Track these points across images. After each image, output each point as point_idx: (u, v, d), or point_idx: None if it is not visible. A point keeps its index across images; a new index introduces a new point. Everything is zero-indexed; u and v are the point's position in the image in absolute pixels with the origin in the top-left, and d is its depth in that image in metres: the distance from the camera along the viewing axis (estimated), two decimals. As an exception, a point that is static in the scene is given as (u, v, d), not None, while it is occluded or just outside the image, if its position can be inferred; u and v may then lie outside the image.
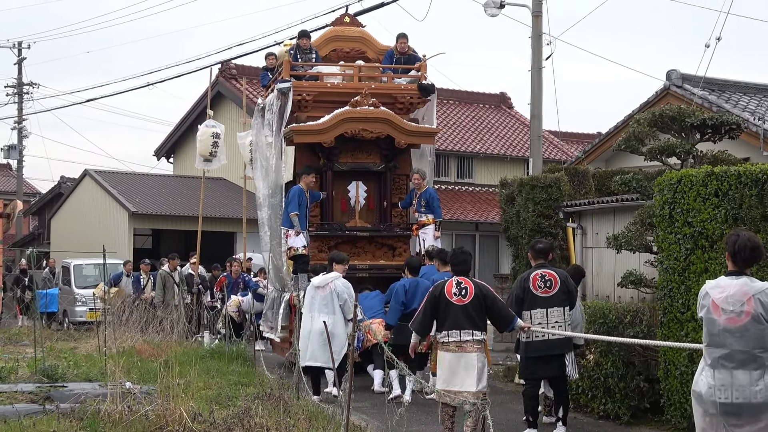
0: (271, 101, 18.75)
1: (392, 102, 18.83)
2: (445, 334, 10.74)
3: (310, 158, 18.49)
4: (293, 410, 11.88)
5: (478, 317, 10.71)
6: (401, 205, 18.73)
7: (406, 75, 19.32)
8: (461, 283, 10.82)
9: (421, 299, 13.78)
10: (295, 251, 17.31)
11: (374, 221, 18.76)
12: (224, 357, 18.00)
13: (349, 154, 18.57)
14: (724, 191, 11.18)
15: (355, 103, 18.11)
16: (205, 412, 11.19)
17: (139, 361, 16.53)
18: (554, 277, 11.71)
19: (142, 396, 11.58)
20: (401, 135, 18.35)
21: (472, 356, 10.60)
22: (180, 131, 42.16)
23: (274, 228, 18.55)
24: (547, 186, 18.46)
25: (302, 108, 18.56)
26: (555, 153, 37.79)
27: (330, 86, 18.80)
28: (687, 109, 15.85)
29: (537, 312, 11.60)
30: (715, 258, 11.20)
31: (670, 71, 23.99)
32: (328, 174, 18.45)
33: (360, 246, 18.51)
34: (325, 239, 18.36)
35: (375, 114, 18.14)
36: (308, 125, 18.06)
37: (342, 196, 18.72)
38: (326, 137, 18.03)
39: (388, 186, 18.78)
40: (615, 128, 25.54)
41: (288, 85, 18.19)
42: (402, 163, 18.98)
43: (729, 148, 16.72)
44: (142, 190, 36.77)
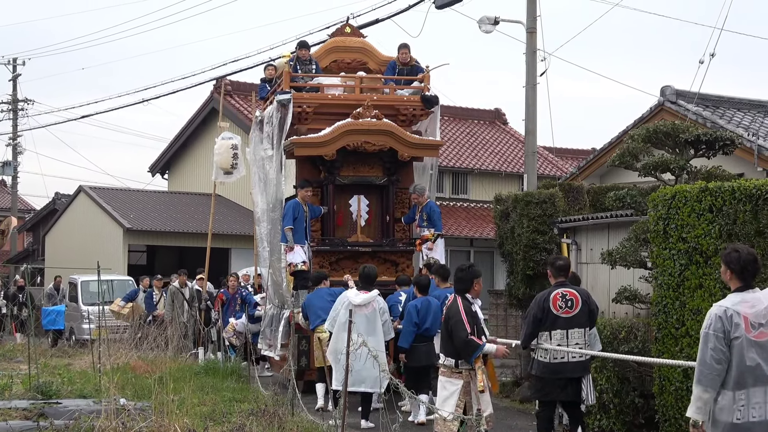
0: (270, 113, 18.43)
1: (395, 114, 18.53)
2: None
3: (311, 171, 18.22)
4: (288, 426, 11.87)
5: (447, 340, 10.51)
6: (404, 220, 18.48)
7: (408, 86, 19.05)
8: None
9: (434, 318, 13.77)
10: (294, 267, 17.07)
11: (376, 236, 18.48)
12: (219, 373, 17.96)
13: (351, 167, 18.26)
14: (719, 207, 11.20)
15: (357, 115, 17.82)
16: (200, 429, 11.20)
17: (133, 377, 16.50)
18: (576, 297, 11.23)
19: (137, 412, 11.56)
20: (404, 148, 18.05)
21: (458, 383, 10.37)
22: (175, 147, 42.14)
23: (274, 243, 18.23)
24: (542, 202, 18.46)
25: (302, 120, 18.27)
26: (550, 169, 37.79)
27: (331, 98, 18.48)
28: (681, 125, 15.88)
29: (557, 333, 11.12)
30: (709, 273, 11.21)
31: (665, 87, 24.01)
32: (329, 188, 18.15)
33: (362, 262, 17.79)
34: (327, 255, 18.00)
35: (378, 126, 17.86)
36: (309, 138, 17.77)
37: (343, 210, 18.43)
38: (328, 150, 17.73)
39: (391, 200, 18.46)
40: (609, 144, 25.54)
41: (288, 97, 17.88)
42: (405, 177, 18.69)
43: (723, 163, 16.75)
44: (137, 206, 36.74)
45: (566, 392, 11.22)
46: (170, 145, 42.59)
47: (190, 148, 41.23)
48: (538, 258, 18.30)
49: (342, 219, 18.39)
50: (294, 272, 17.10)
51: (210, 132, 39.46)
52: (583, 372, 11.24)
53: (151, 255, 39.98)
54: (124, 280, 29.61)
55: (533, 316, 11.22)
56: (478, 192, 36.35)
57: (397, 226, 18.49)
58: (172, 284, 24.11)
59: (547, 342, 11.13)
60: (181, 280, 24.06)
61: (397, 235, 18.49)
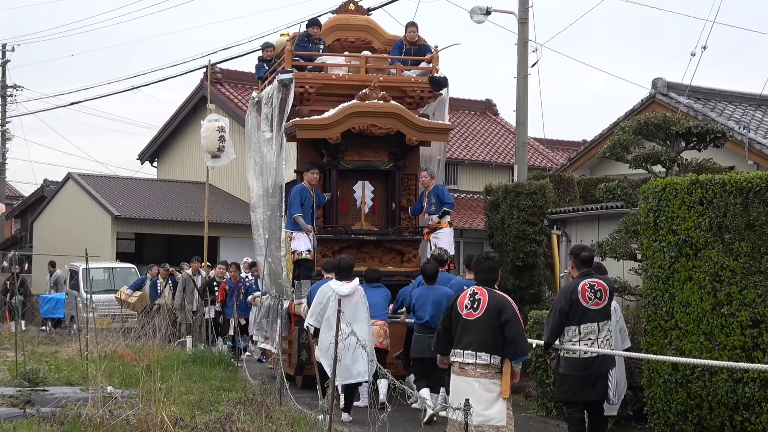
0: (270, 93, 17.68)
1: (401, 96, 17.72)
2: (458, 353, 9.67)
3: (313, 156, 17.50)
4: (275, 416, 11.84)
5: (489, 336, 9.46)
6: (411, 211, 17.68)
7: (416, 67, 18.25)
8: (476, 293, 9.70)
9: (435, 310, 13.24)
10: (298, 255, 16.35)
11: (382, 224, 17.71)
12: (206, 362, 17.89)
13: (356, 151, 17.45)
14: (709, 199, 11.20)
15: (363, 97, 17.03)
16: (187, 417, 11.17)
17: (120, 365, 16.45)
18: (604, 287, 10.71)
19: (124, 400, 11.55)
20: (412, 131, 17.26)
21: (473, 383, 9.45)
22: (164, 135, 42.04)
23: (273, 231, 17.44)
24: (532, 193, 18.49)
25: (304, 101, 17.46)
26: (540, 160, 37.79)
27: (335, 78, 17.65)
28: (672, 118, 15.90)
29: (587, 326, 10.56)
30: (699, 266, 11.22)
31: (656, 79, 24.04)
32: (332, 173, 17.36)
33: (366, 251, 17.40)
34: (329, 243, 17.25)
35: (385, 108, 17.05)
36: (313, 119, 17.02)
37: (347, 197, 17.64)
38: (332, 133, 16.95)
39: (397, 186, 17.66)
40: (600, 136, 25.57)
41: (290, 76, 17.04)
42: (412, 162, 17.92)
43: (714, 156, 16.77)
44: (126, 193, 36.63)
45: (595, 390, 10.68)
46: (160, 133, 42.49)
47: (180, 135, 41.13)
48: (528, 249, 18.34)
49: (345, 206, 17.67)
50: (297, 261, 16.41)
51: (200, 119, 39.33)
52: (612, 366, 10.90)
53: (140, 243, 39.89)
54: (126, 267, 29.49)
55: (559, 309, 10.62)
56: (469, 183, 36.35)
57: (403, 214, 17.78)
58: (184, 271, 23.72)
59: (575, 336, 10.58)
60: (194, 267, 23.53)
61: (403, 223, 17.77)
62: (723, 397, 10.92)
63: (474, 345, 9.46)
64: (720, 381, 10.93)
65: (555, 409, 13.74)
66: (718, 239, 11.04)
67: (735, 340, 10.80)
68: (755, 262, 10.66)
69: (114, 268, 29.32)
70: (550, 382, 13.58)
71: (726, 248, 10.95)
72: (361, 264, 16.46)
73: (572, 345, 10.58)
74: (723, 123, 20.52)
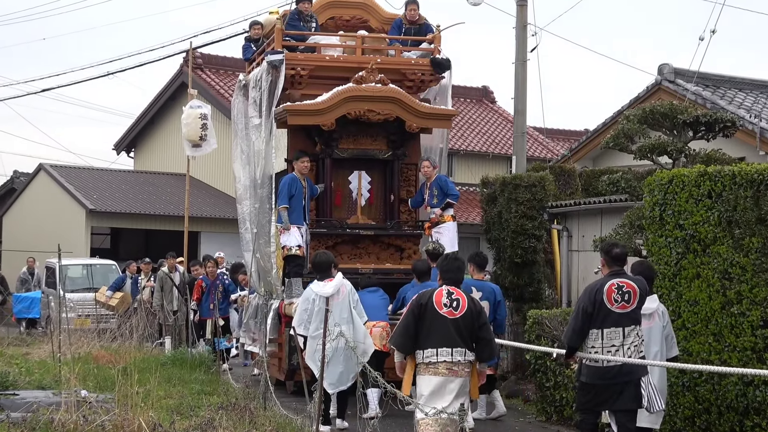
0: (258, 76, 17.22)
1: (400, 79, 17.29)
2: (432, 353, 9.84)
3: (305, 143, 17.08)
4: (260, 421, 11.86)
5: (469, 336, 9.84)
6: (412, 204, 17.31)
7: (416, 48, 17.79)
8: (452, 293, 9.95)
9: None
10: (288, 251, 15.94)
11: (379, 218, 17.30)
12: (186, 364, 17.87)
13: (351, 139, 17.04)
14: (718, 192, 11.22)
15: (359, 80, 16.59)
16: (166, 423, 11.17)
17: (95, 368, 16.45)
18: (633, 289, 10.17)
19: (99, 405, 11.55)
20: (413, 117, 16.77)
21: (460, 381, 9.80)
22: (141, 124, 42.00)
23: (261, 224, 17.01)
24: (531, 185, 18.49)
25: (296, 84, 17.01)
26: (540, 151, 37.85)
27: (329, 59, 17.22)
28: (679, 106, 15.93)
29: (611, 331, 10.12)
30: (707, 263, 11.25)
31: (662, 65, 24.08)
32: (326, 162, 16.94)
33: (362, 247, 17.01)
34: (323, 238, 16.76)
35: (383, 92, 16.59)
36: (305, 104, 16.54)
37: (342, 188, 17.24)
38: (326, 119, 16.47)
39: (396, 177, 17.24)
40: (603, 125, 25.62)
41: (280, 57, 16.61)
42: (412, 151, 17.52)
43: (723, 146, 16.81)
44: (101, 186, 36.59)
45: (622, 399, 10.14)
46: (137, 122, 42.45)
47: (158, 124, 41.09)
48: (527, 245, 18.33)
49: (340, 198, 17.28)
50: (286, 257, 16.01)
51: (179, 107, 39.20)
52: (641, 372, 10.20)
53: (116, 238, 39.88)
54: (106, 264, 29.35)
55: (582, 309, 10.20)
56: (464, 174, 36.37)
57: (402, 207, 17.39)
58: (161, 269, 23.42)
59: (597, 341, 10.15)
60: (170, 263, 22.93)
61: (403, 217, 17.37)
62: (732, 402, 10.96)
63: (462, 343, 9.75)
64: (729, 384, 10.96)
65: (555, 414, 13.78)
66: (727, 234, 11.06)
67: (745, 341, 10.83)
68: (767, 258, 10.69)
69: (93, 265, 29.20)
70: (550, 385, 13.63)
71: (736, 244, 10.98)
72: (357, 261, 16.33)
73: (594, 351, 10.16)
74: (733, 111, 20.57)
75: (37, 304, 28.78)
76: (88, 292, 26.02)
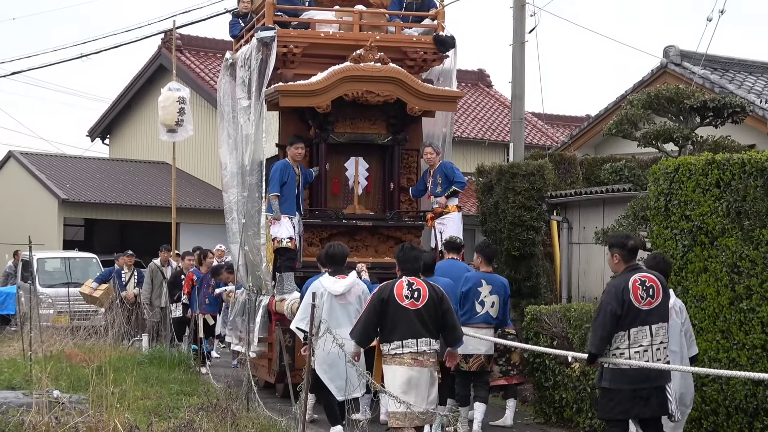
0: (247, 54, 16.83)
1: (401, 58, 16.91)
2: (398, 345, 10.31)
3: (298, 127, 16.71)
4: (242, 423, 11.87)
5: (433, 325, 10.41)
6: (413, 193, 16.96)
7: (418, 24, 17.45)
8: (413, 284, 10.44)
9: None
10: (278, 243, 15.64)
11: (378, 208, 16.95)
12: (165, 363, 17.88)
13: (348, 122, 16.66)
14: (727, 181, 11.24)
15: (357, 58, 16.18)
16: (143, 425, 11.18)
17: (68, 367, 16.45)
18: (656, 283, 9.93)
19: (72, 406, 11.55)
20: (415, 99, 16.36)
21: (427, 371, 10.34)
22: (117, 109, 41.95)
23: (251, 214, 16.63)
24: (530, 174, 18.53)
25: (288, 63, 16.64)
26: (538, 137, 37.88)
27: (324, 36, 16.86)
28: (686, 90, 15.94)
29: (639, 331, 9.82)
30: (715, 256, 11.26)
31: (668, 47, 24.09)
32: (321, 147, 16.52)
33: (360, 239, 16.53)
34: (317, 230, 16.44)
35: (383, 72, 16.19)
36: (299, 85, 16.14)
37: (338, 175, 16.86)
38: (321, 100, 16.04)
39: (396, 163, 16.87)
40: (606, 111, 25.63)
41: (271, 34, 16.27)
42: (413, 136, 17.10)
43: (732, 133, 16.83)
44: (74, 174, 36.55)
45: (650, 405, 9.88)
46: (112, 107, 42.40)
47: (135, 109, 41.04)
48: (525, 237, 18.37)
49: (336, 186, 16.90)
50: (277, 249, 15.74)
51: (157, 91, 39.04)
52: (667, 377, 9.97)
53: (90, 229, 39.85)
54: (86, 258, 29.19)
55: (611, 312, 9.79)
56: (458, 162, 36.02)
57: (402, 196, 17.03)
58: (152, 262, 23.25)
59: (623, 343, 9.82)
60: (163, 257, 22.89)
61: (403, 206, 16.99)
62: (741, 402, 10.98)
63: (427, 333, 10.37)
64: (738, 384, 10.98)
65: (555, 416, 13.79)
66: (736, 226, 11.08)
67: (755, 339, 10.85)
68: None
69: (72, 258, 29.02)
70: (549, 385, 13.64)
71: (745, 236, 10.99)
72: (354, 254, 15.76)
73: (620, 353, 9.84)
74: (742, 96, 20.57)
75: (12, 299, 28.59)
76: (66, 287, 25.86)
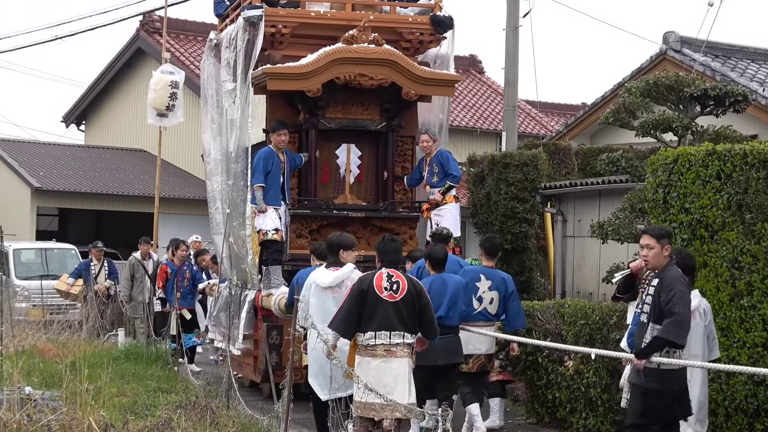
0: (232, 35, 16.74)
1: (396, 39, 16.64)
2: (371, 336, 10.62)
3: (287, 111, 16.55)
4: (222, 421, 11.87)
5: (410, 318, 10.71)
6: (408, 182, 16.82)
7: (414, 3, 17.33)
8: (392, 276, 10.76)
9: (451, 303, 12.55)
10: (264, 235, 15.45)
11: (370, 198, 16.75)
12: (142, 359, 17.86)
13: (340, 107, 16.45)
14: (728, 173, 11.25)
15: (350, 39, 15.95)
16: (119, 423, 11.17)
17: (41, 362, 16.42)
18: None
19: (45, 403, 11.52)
20: (411, 83, 16.13)
21: (403, 362, 10.61)
22: (93, 94, 41.84)
23: (236, 204, 16.44)
24: (523, 164, 18.52)
25: (277, 44, 16.38)
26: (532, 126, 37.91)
27: (314, 16, 16.66)
28: (686, 78, 15.96)
29: None
30: (715, 250, 11.27)
31: (668, 33, 24.11)
32: (310, 133, 16.28)
33: (351, 230, 15.57)
34: (305, 221, 16.21)
35: (377, 54, 15.98)
36: (288, 67, 15.96)
37: (328, 163, 16.65)
38: (311, 84, 15.84)
39: (390, 151, 16.62)
40: (602, 99, 25.65)
41: (259, 13, 16.01)
42: (408, 122, 16.85)
43: (734, 123, 16.85)
44: (48, 162, 36.45)
45: (682, 406, 9.89)
46: (88, 91, 42.29)
47: (112, 94, 40.94)
48: (518, 230, 18.38)
49: (326, 174, 16.70)
50: (263, 242, 15.54)
51: (135, 76, 39.13)
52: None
53: (64, 219, 39.71)
54: (64, 249, 28.83)
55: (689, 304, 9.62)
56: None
57: (397, 186, 16.85)
58: (132, 255, 23.03)
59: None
60: (143, 249, 22.59)
61: (397, 196, 16.81)
62: (741, 403, 11.00)
63: (400, 326, 10.64)
64: (738, 384, 11.00)
65: (547, 416, 13.81)
66: (737, 219, 11.09)
67: (756, 337, 10.87)
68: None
69: (50, 249, 28.79)
70: (542, 384, 13.65)
71: (747, 230, 11.00)
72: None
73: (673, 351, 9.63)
74: (745, 84, 20.60)
75: None
76: (43, 280, 25.72)
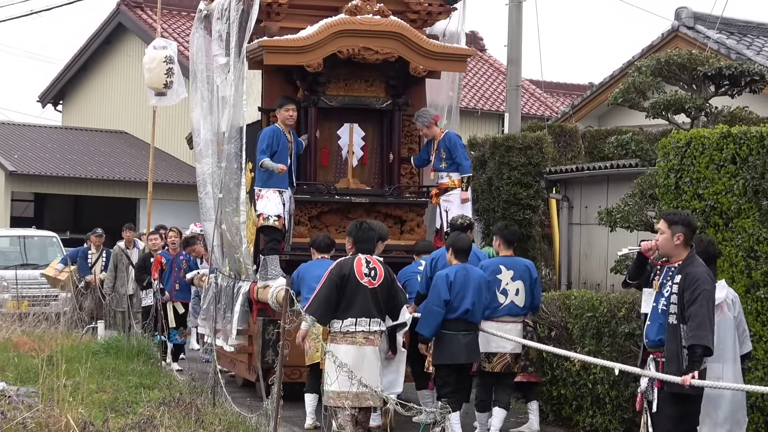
0: (225, 5, 16.33)
1: (402, 11, 16.25)
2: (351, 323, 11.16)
3: (284, 88, 16.15)
4: (208, 419, 11.88)
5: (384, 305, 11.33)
6: (415, 162, 16.33)
7: None
8: (369, 262, 11.31)
9: (476, 295, 12.33)
10: (264, 220, 14.98)
11: (375, 182, 16.24)
12: (123, 353, 17.83)
13: (342, 83, 15.98)
14: (743, 157, 11.25)
15: (353, 10, 15.48)
16: (98, 421, 11.16)
17: (16, 356, 16.43)
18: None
19: (20, 400, 11.55)
20: (419, 57, 15.66)
21: (377, 350, 11.21)
22: (71, 72, 41.84)
23: (229, 188, 16.08)
24: (527, 148, 18.52)
25: (273, 15, 16.01)
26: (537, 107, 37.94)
27: None
28: (699, 56, 15.95)
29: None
30: (730, 239, 11.28)
31: (680, 9, 24.12)
32: (311, 111, 15.75)
33: (354, 217, 14.93)
34: (306, 206, 15.63)
35: (383, 26, 15.49)
36: (286, 40, 15.48)
37: (329, 144, 16.14)
38: (311, 58, 15.35)
39: (396, 131, 16.11)
40: (611, 78, 25.67)
41: None
42: (416, 99, 16.37)
43: (750, 104, 16.84)
44: (23, 144, 36.48)
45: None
46: (65, 69, 42.29)
47: (91, 72, 40.93)
48: (521, 217, 18.37)
49: (327, 156, 16.21)
50: (261, 228, 15.13)
51: (116, 53, 39.14)
52: None
53: (40, 205, 39.78)
54: (45, 236, 28.74)
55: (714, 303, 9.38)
56: (448, 134, 36.45)
57: (403, 169, 16.38)
58: (116, 245, 22.81)
59: None
60: (127, 237, 22.27)
61: (404, 180, 16.31)
62: (757, 400, 11.01)
63: (377, 313, 11.22)
64: (754, 380, 11.00)
65: (552, 413, 13.82)
66: (754, 206, 11.09)
67: (773, 330, 10.88)
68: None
69: (29, 236, 28.74)
70: (546, 380, 13.65)
71: (763, 217, 11.01)
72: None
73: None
74: (761, 63, 20.60)
75: None
76: (24, 270, 25.64)
